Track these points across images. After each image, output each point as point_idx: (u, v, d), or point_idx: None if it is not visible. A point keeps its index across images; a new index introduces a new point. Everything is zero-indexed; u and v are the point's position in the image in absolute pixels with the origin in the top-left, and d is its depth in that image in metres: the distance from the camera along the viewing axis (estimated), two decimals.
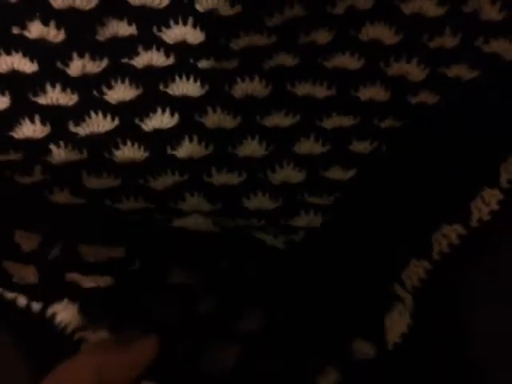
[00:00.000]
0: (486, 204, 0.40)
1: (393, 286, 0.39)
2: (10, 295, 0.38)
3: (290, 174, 0.40)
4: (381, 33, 0.41)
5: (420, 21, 0.41)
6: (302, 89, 0.41)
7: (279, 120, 0.41)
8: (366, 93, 0.41)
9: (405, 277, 0.39)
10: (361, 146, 0.41)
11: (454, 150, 0.41)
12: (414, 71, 0.42)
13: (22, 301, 0.38)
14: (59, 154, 0.39)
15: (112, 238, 0.39)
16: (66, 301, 0.38)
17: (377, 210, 0.40)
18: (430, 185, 0.40)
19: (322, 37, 0.41)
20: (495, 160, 0.41)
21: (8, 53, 0.39)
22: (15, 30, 0.39)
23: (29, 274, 0.38)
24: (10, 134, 0.39)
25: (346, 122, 0.41)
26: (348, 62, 0.41)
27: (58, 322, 0.38)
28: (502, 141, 0.41)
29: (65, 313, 0.38)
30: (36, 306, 0.38)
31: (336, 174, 0.40)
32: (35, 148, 0.39)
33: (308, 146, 0.41)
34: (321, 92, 0.41)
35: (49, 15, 0.39)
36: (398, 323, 0.38)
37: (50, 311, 0.38)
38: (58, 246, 0.38)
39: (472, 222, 0.40)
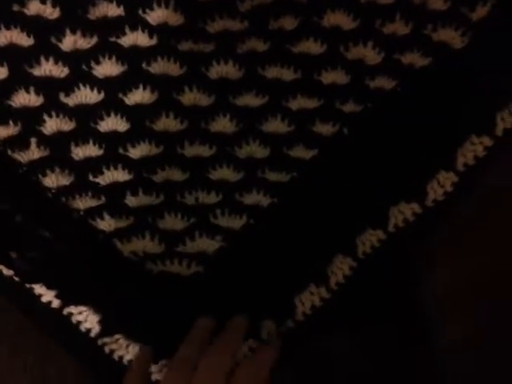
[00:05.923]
0: (440, 186, 0.42)
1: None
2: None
3: (255, 149, 0.43)
4: (340, 19, 0.44)
5: (373, 8, 0.44)
6: (271, 72, 0.44)
7: (249, 100, 0.43)
8: (328, 76, 0.44)
9: (359, 242, 0.41)
10: (323, 128, 0.43)
11: (412, 134, 0.42)
12: (370, 55, 0.44)
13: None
14: (51, 123, 0.43)
15: None
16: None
17: (335, 186, 0.42)
18: (389, 165, 0.42)
19: (289, 23, 0.44)
20: (451, 145, 0.43)
21: (7, 28, 0.43)
22: (15, 7, 0.43)
23: None
24: (9, 102, 0.42)
25: (310, 104, 0.43)
26: (312, 46, 0.44)
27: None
28: (457, 127, 0.43)
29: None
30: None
31: (298, 152, 0.43)
32: (31, 118, 0.43)
33: (274, 125, 0.43)
34: (288, 75, 0.44)
35: None
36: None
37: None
38: None
39: (427, 202, 0.42)
